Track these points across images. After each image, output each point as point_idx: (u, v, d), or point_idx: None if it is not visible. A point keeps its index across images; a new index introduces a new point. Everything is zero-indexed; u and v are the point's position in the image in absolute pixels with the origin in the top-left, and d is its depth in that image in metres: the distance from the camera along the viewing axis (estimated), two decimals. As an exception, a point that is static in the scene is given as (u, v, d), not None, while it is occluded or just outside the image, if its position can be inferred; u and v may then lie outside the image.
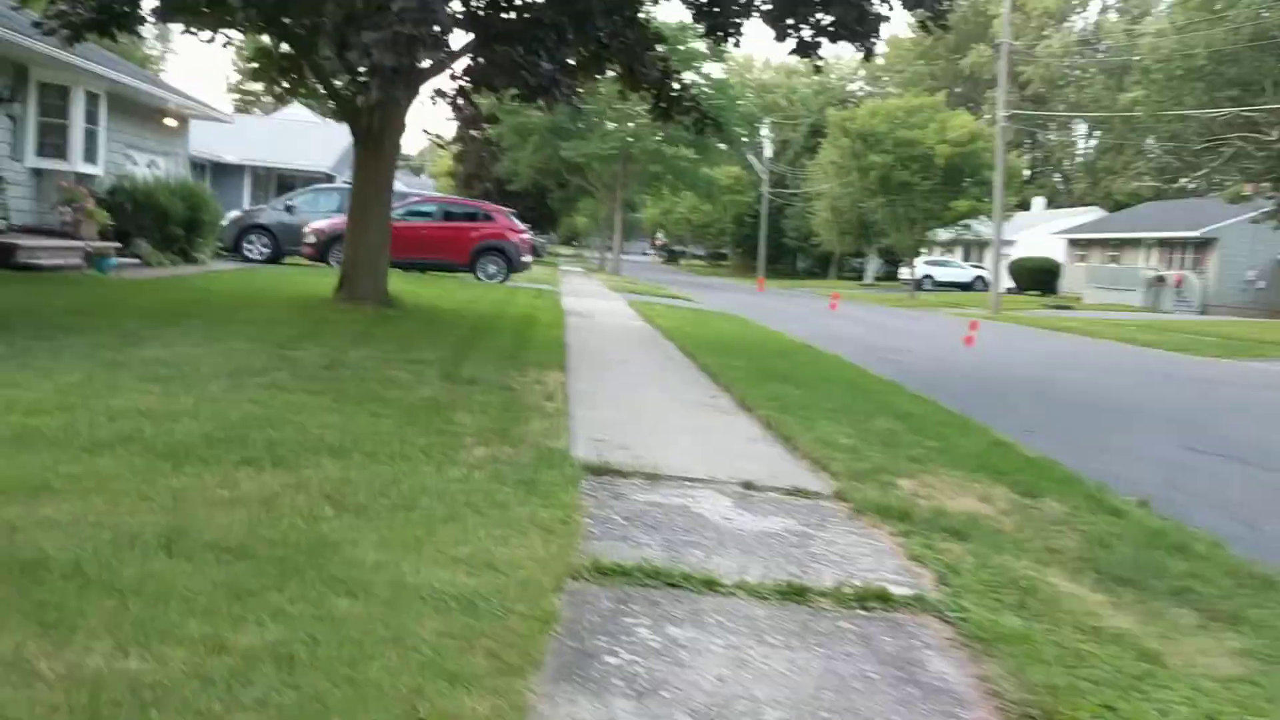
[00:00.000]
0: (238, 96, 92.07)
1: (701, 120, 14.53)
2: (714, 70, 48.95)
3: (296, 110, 67.41)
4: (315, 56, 12.00)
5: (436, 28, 9.44)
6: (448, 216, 24.37)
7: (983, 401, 11.31)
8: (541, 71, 12.24)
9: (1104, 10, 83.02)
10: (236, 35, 12.80)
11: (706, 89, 48.41)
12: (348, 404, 6.59)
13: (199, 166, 37.36)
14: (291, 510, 4.12)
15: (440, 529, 4.10)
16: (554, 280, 30.73)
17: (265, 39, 13.17)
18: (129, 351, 7.54)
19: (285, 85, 13.09)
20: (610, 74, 15.34)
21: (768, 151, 74.33)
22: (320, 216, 24.95)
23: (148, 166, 22.92)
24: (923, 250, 52.62)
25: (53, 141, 18.51)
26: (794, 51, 12.87)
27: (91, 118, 19.48)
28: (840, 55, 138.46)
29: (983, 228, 50.69)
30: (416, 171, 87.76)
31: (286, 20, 11.64)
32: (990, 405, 11.07)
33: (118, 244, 18.18)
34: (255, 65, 12.73)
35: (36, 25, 12.03)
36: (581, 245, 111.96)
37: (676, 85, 14.39)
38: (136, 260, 18.03)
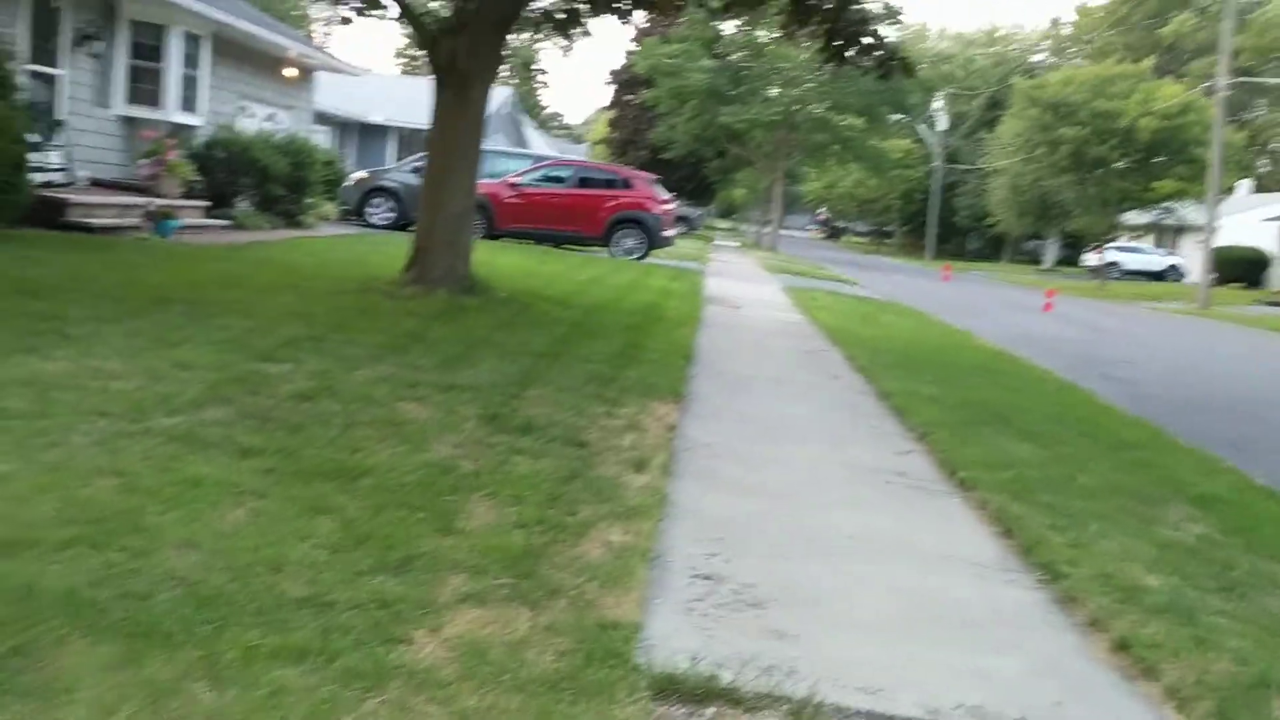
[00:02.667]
0: (404, 61, 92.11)
1: (887, 60, 11.29)
2: (888, 34, 44.95)
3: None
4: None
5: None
6: (583, 183, 21.59)
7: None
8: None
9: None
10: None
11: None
12: (285, 480, 3.85)
13: (344, 126, 35.89)
14: None
15: None
16: (702, 257, 27.74)
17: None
18: (16, 362, 4.98)
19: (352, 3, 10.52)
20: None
21: (942, 124, 69.37)
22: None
23: (266, 120, 20.96)
24: (1115, 235, 47.43)
25: (146, 87, 16.55)
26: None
27: (191, 61, 17.46)
28: (1022, 24, 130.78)
29: (1187, 212, 45.24)
30: (577, 140, 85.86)
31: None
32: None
33: (208, 203, 16.14)
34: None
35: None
36: (739, 219, 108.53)
37: (855, 14, 11.20)
38: (226, 222, 15.92)
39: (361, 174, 24.70)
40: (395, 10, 9.95)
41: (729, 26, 48.55)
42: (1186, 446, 7.34)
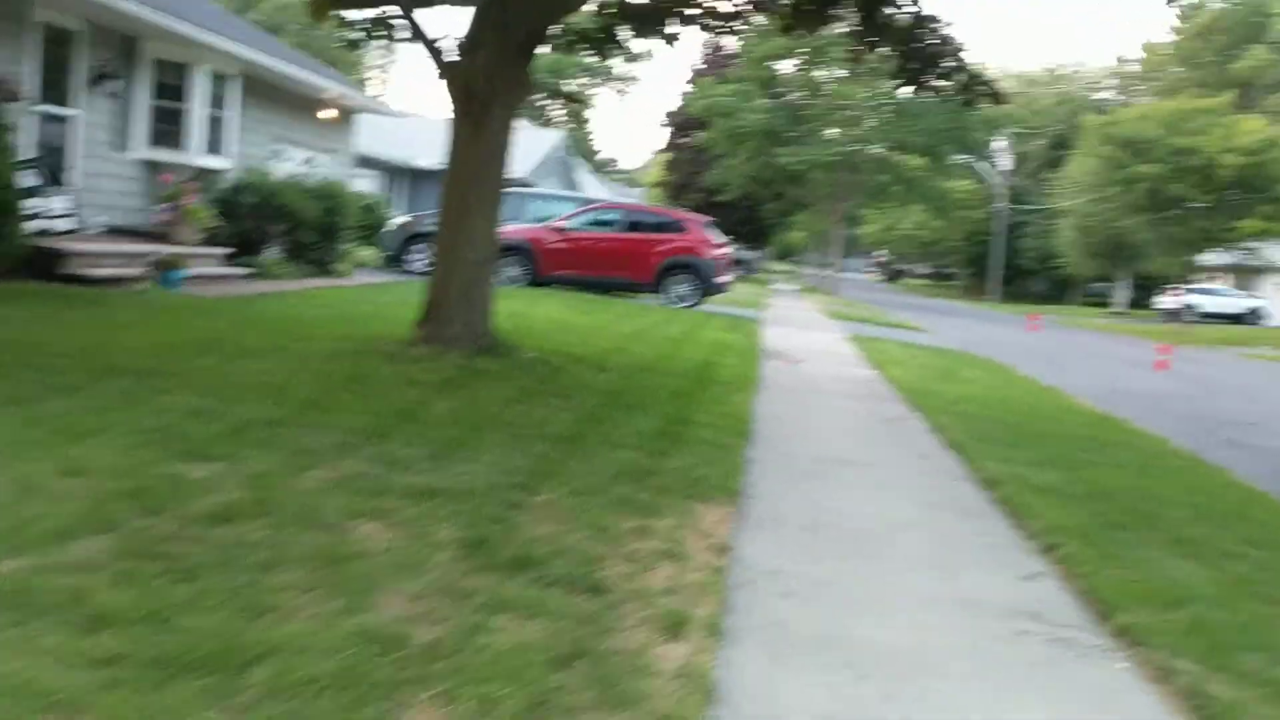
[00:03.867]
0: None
1: (970, 85, 9.86)
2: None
3: (503, 116, 65.69)
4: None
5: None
6: (633, 227, 20.30)
7: None
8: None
9: None
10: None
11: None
12: (129, 679, 2.50)
13: (394, 171, 35.14)
14: None
15: None
16: (759, 303, 26.30)
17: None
18: None
19: (361, 23, 9.35)
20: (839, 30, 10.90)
21: (1006, 164, 67.57)
22: (491, 224, 21.44)
23: (305, 163, 20.01)
24: (1194, 276, 45.22)
25: (168, 128, 15.61)
26: None
27: (218, 102, 16.52)
28: (1085, 62, 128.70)
29: (1270, 251, 43.07)
30: (633, 184, 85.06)
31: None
32: None
33: (230, 250, 15.10)
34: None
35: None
36: (797, 262, 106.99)
37: (933, 36, 9.81)
38: (246, 271, 14.84)
39: (404, 219, 23.70)
40: (406, 30, 8.74)
41: (786, 66, 47.44)
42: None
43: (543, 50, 8.30)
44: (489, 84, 7.74)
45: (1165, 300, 52.58)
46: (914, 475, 6.66)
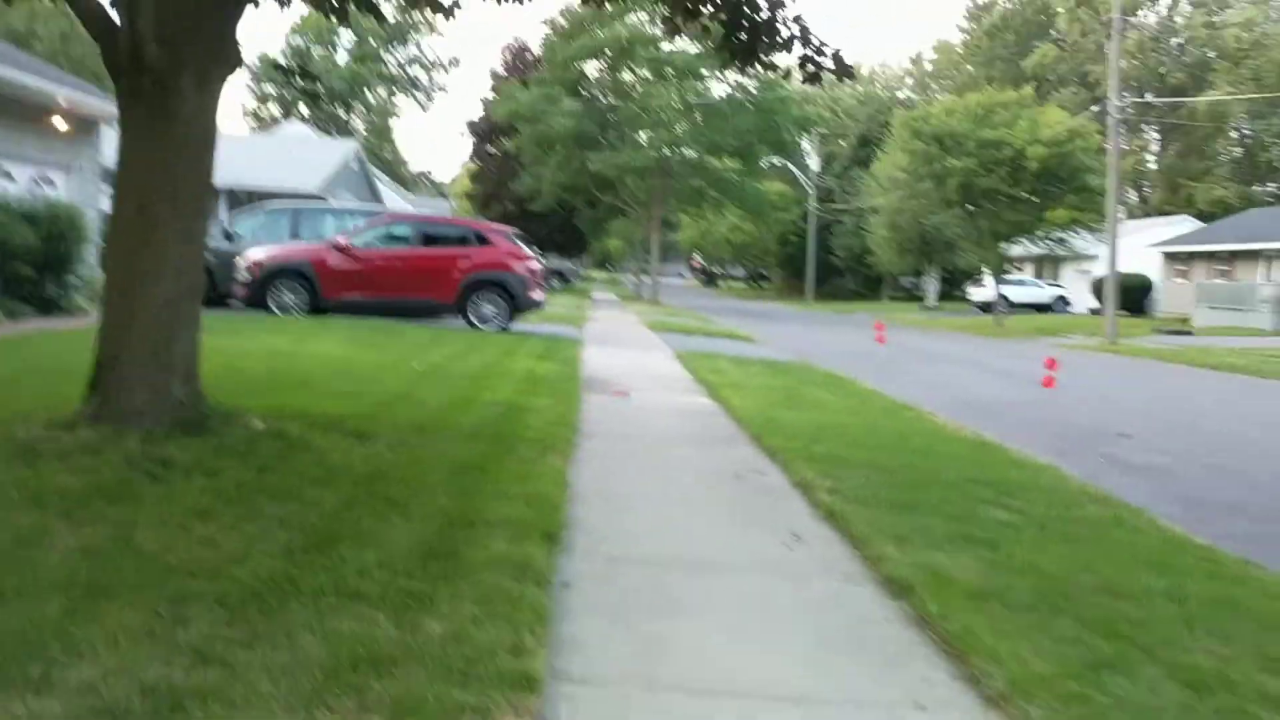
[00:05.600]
0: (253, 122, 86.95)
1: (813, 59, 8.09)
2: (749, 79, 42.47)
3: (295, 127, 61.81)
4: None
5: None
6: (430, 240, 17.93)
7: None
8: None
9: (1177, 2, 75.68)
10: None
11: (752, 89, 42.23)
12: None
13: (229, 195, 31.53)
14: None
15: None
16: (578, 318, 24.30)
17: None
18: None
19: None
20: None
21: (814, 164, 67.98)
22: (267, 243, 18.72)
23: (33, 183, 16.88)
24: (1010, 267, 45.76)
25: None
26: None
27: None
28: (886, 63, 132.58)
29: (1078, 240, 43.90)
30: (445, 196, 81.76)
31: None
32: None
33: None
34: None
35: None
36: (615, 269, 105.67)
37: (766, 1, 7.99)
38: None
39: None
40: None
41: (592, 68, 45.74)
42: None
43: (249, 5, 6.02)
44: (169, 50, 5.45)
45: (977, 292, 53.39)
46: (792, 581, 4.73)
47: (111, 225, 5.72)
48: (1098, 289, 47.39)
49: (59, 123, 17.35)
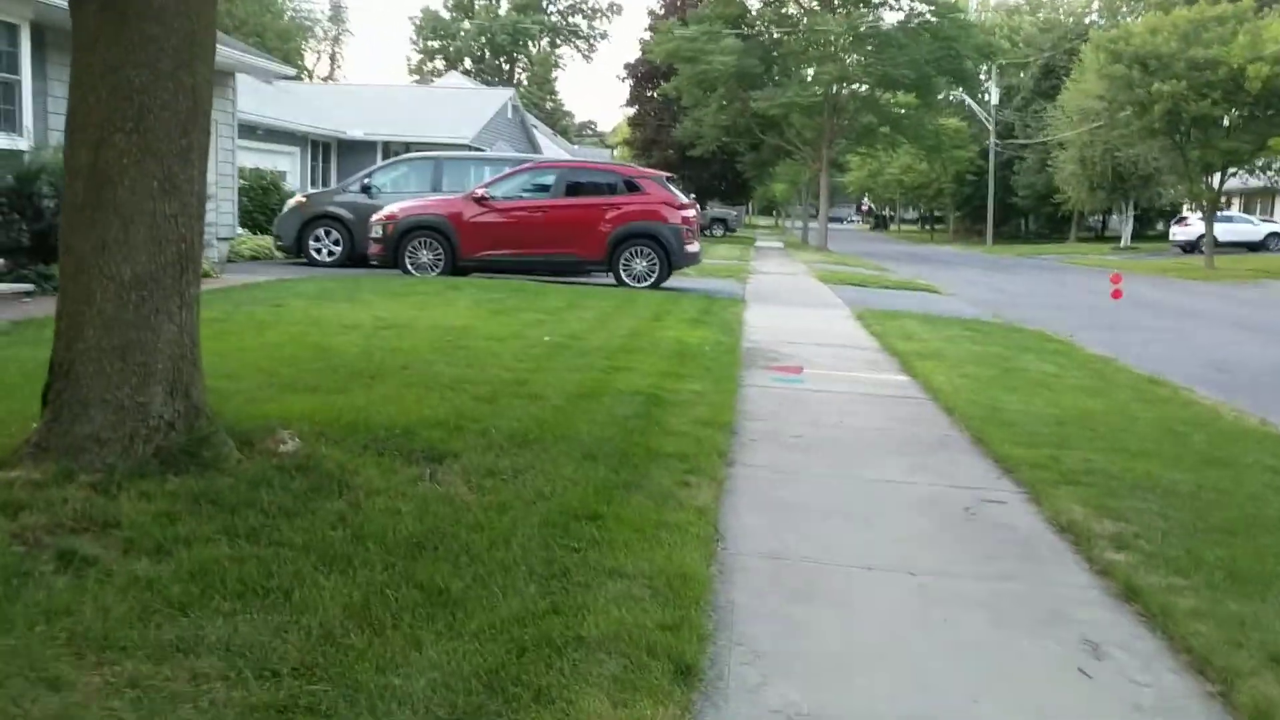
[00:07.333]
0: (418, 78, 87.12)
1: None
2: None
3: (452, 78, 61.15)
4: None
5: None
6: (575, 190, 16.13)
7: None
8: None
9: None
10: None
11: (930, 15, 38.88)
12: None
13: (319, 145, 30.95)
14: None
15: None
16: (741, 271, 22.16)
17: None
18: None
19: None
20: None
21: (993, 98, 63.25)
22: (409, 196, 17.30)
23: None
24: (1214, 202, 41.13)
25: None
26: None
27: (9, 63, 12.46)
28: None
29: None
30: (606, 145, 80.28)
31: None
32: None
33: (21, 257, 11.13)
34: None
35: None
36: (781, 215, 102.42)
37: None
38: (27, 288, 10.83)
39: (298, 197, 19.49)
40: None
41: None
42: None
43: None
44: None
45: (1180, 231, 48.49)
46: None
47: (66, 180, 4.02)
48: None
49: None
